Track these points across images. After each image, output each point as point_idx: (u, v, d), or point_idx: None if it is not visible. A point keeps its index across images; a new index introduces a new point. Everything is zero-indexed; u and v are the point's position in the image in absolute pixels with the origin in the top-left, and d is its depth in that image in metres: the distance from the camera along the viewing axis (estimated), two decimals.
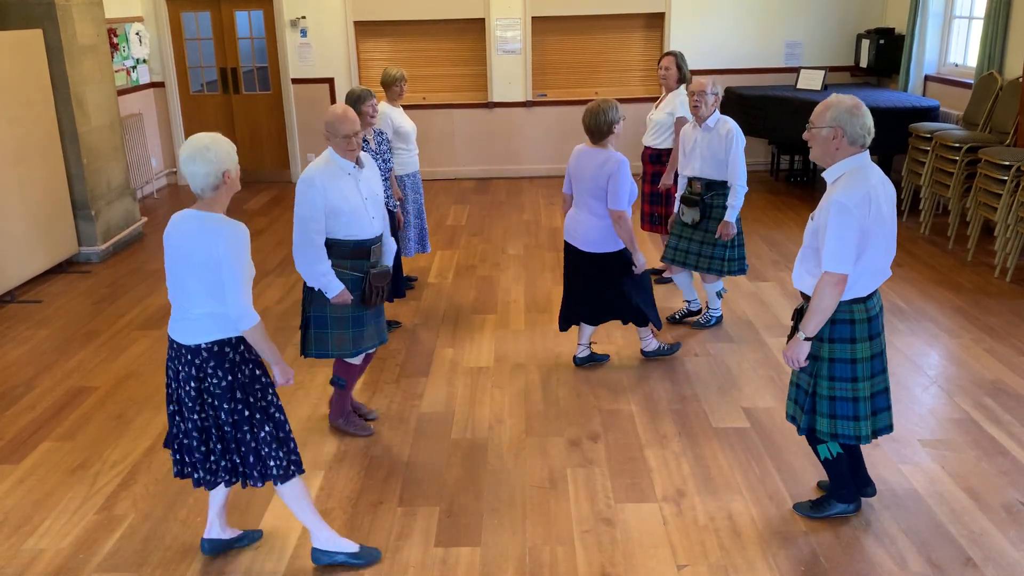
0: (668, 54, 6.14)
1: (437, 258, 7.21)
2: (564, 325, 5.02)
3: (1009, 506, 3.65)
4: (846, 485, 3.53)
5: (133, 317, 6.06)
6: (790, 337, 3.39)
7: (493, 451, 4.19)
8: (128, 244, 7.80)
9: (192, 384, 3.08)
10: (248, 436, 3.11)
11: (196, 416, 3.11)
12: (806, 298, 3.33)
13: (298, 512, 3.29)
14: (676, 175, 6.11)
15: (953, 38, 8.62)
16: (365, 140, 5.26)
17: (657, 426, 4.39)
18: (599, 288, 4.79)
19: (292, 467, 3.20)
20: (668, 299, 6.13)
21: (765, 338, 5.42)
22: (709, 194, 5.26)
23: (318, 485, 3.92)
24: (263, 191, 9.97)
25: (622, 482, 3.90)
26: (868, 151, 3.23)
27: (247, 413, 3.10)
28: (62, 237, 7.00)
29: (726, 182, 5.20)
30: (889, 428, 3.43)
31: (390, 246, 4.26)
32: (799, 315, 3.36)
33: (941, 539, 3.44)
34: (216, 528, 3.43)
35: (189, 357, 3.06)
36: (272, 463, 3.14)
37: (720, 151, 5.16)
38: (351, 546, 3.36)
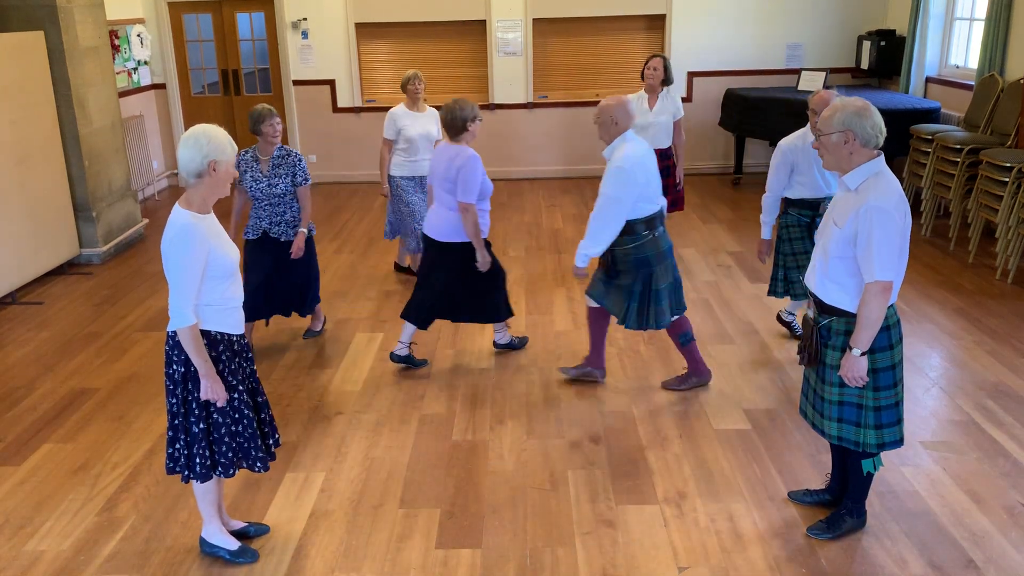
0: (659, 56, 6.29)
1: None
2: (427, 323, 5.05)
3: (1010, 508, 3.64)
4: (863, 500, 3.50)
5: (134, 319, 6.06)
6: (803, 350, 3.33)
7: (494, 452, 4.19)
8: (129, 246, 7.80)
9: (165, 370, 3.21)
10: (191, 427, 3.20)
11: (169, 399, 3.22)
12: (824, 309, 3.24)
13: (199, 502, 3.39)
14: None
15: (954, 40, 8.61)
16: (257, 160, 5.08)
17: (658, 428, 4.39)
18: (456, 282, 4.93)
19: (218, 469, 3.26)
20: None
21: (766, 339, 5.41)
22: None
23: (318, 487, 3.92)
24: None
25: (623, 484, 3.90)
26: (883, 154, 3.17)
27: (194, 405, 3.18)
28: (63, 239, 7.01)
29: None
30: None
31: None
32: (816, 329, 3.26)
33: (942, 541, 3.44)
34: (215, 527, 3.44)
35: (167, 343, 3.18)
36: (197, 460, 3.21)
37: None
38: (232, 544, 3.43)
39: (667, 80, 6.34)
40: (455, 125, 4.75)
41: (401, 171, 6.31)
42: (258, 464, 3.32)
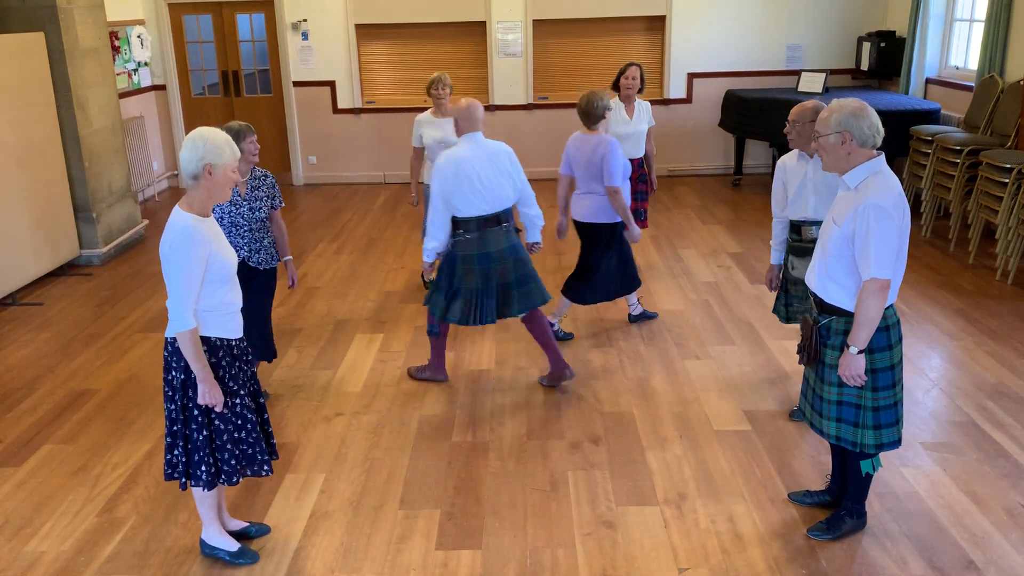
0: (635, 65, 6.24)
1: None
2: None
3: (1011, 509, 3.64)
4: (863, 500, 3.50)
5: (134, 320, 6.06)
6: (803, 349, 3.33)
7: (494, 453, 4.19)
8: (129, 247, 7.81)
9: (163, 376, 3.19)
10: (191, 434, 3.19)
11: (167, 406, 3.21)
12: (824, 308, 3.25)
13: (199, 506, 3.39)
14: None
15: (954, 41, 8.62)
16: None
17: (658, 429, 4.39)
18: (612, 256, 5.30)
19: (221, 477, 3.26)
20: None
21: (766, 340, 5.41)
22: None
23: (319, 488, 3.92)
24: None
25: (623, 485, 3.90)
26: (884, 154, 3.16)
27: (195, 412, 3.16)
28: (63, 240, 7.01)
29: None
30: None
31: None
32: (815, 329, 3.25)
33: (943, 542, 3.44)
34: (215, 529, 3.44)
35: (166, 349, 3.17)
36: (202, 468, 3.20)
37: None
38: (232, 545, 3.43)
39: (641, 89, 6.27)
40: (595, 114, 5.07)
41: (427, 178, 6.10)
42: (265, 468, 3.32)
